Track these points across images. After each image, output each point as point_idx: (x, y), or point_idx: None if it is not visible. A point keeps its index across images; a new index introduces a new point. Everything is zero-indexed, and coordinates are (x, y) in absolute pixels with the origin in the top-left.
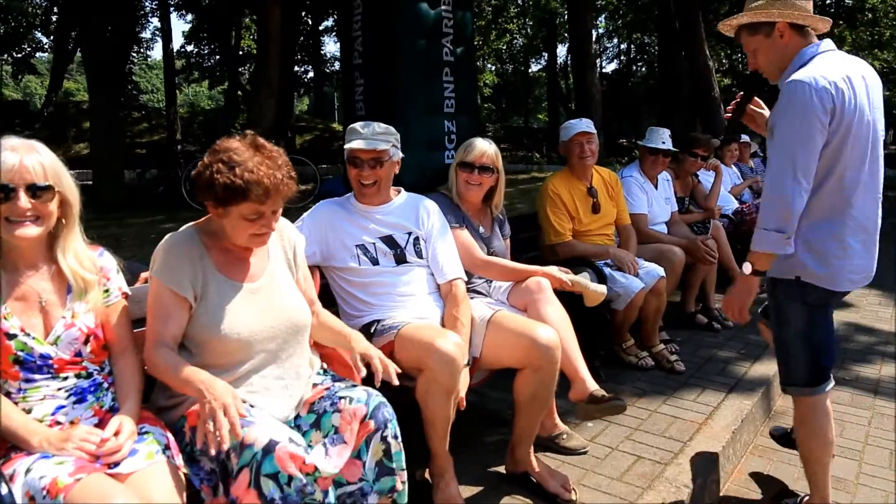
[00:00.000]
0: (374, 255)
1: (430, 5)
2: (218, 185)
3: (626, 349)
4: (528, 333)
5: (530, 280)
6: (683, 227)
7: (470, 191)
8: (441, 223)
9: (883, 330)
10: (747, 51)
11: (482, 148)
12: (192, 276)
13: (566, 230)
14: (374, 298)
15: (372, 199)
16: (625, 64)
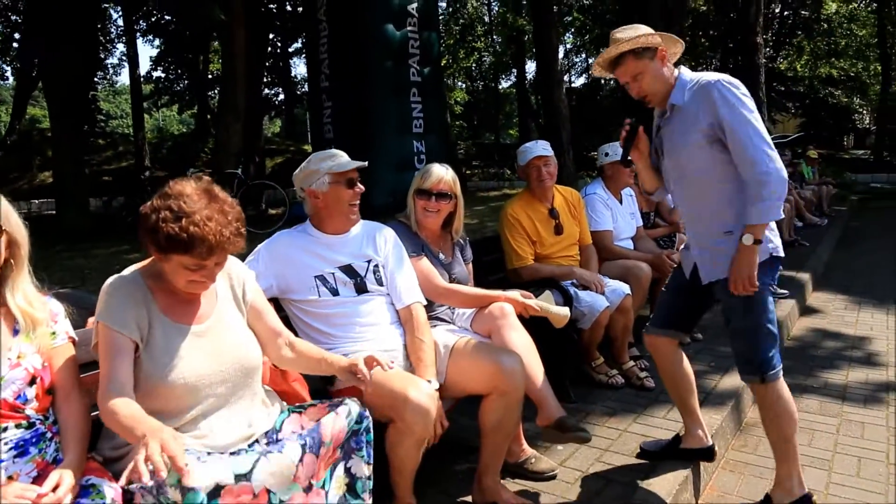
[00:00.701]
0: (334, 285)
1: (395, 26)
2: (161, 234)
3: (596, 367)
4: (492, 360)
5: (493, 306)
6: (649, 242)
7: (428, 218)
8: (398, 249)
9: (849, 335)
10: (628, 77)
11: (439, 174)
12: (137, 318)
13: (527, 254)
14: (335, 330)
15: (353, 222)
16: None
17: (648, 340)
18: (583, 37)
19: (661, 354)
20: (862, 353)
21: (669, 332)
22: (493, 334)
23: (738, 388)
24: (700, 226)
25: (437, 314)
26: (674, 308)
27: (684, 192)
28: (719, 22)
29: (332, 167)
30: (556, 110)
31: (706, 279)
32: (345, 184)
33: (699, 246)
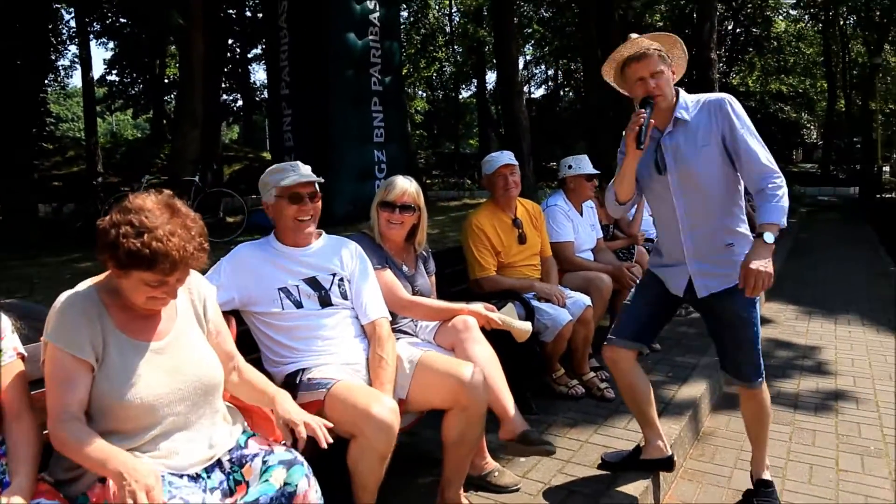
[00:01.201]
0: (298, 297)
1: (357, 35)
2: (122, 250)
3: (557, 379)
4: (454, 373)
5: (457, 319)
6: (609, 254)
7: (392, 230)
8: (363, 264)
9: (800, 344)
10: (649, 71)
11: (403, 186)
12: (91, 338)
13: (490, 265)
14: (298, 343)
15: (305, 237)
16: (552, 89)
17: (609, 353)
18: (542, 48)
19: (621, 368)
20: (812, 362)
21: (633, 344)
22: (457, 347)
23: (695, 399)
24: (702, 239)
25: (401, 327)
26: (641, 320)
27: (687, 206)
28: None
29: (278, 181)
30: (516, 121)
31: (704, 292)
32: (287, 199)
33: (698, 259)
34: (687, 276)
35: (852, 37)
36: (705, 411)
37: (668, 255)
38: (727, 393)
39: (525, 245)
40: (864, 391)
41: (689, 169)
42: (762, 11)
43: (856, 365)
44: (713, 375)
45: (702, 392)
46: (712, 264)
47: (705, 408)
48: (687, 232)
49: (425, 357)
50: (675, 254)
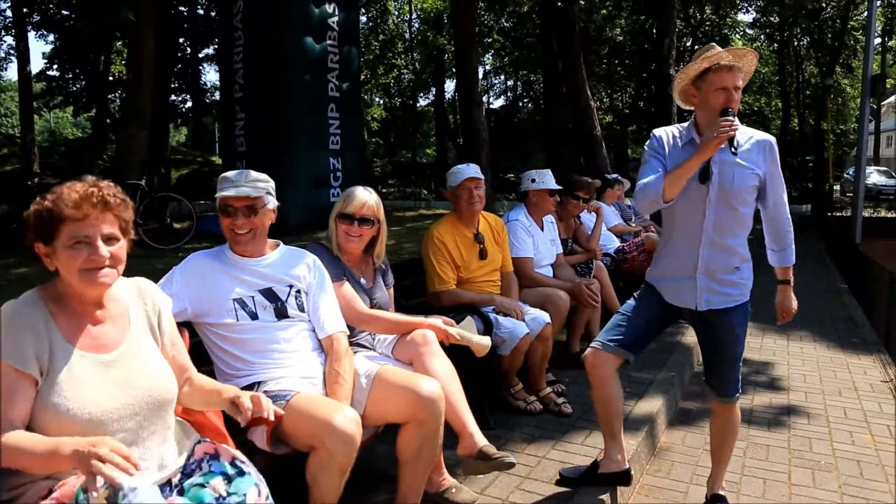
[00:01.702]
0: (253, 309)
1: (315, 39)
2: (33, 217)
3: (515, 394)
4: (412, 387)
5: (415, 333)
6: (568, 270)
7: (350, 243)
8: (321, 276)
9: (754, 360)
10: (737, 83)
11: (362, 198)
12: (36, 349)
13: (450, 278)
14: (253, 356)
15: (247, 249)
16: (511, 100)
17: (593, 358)
18: (502, 59)
19: (599, 374)
20: (766, 378)
21: (621, 351)
22: (415, 361)
23: (652, 414)
24: (718, 257)
25: (358, 340)
26: (635, 330)
27: (717, 221)
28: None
29: (219, 191)
30: (475, 131)
31: (705, 306)
32: (222, 211)
33: (707, 275)
34: (694, 290)
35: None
36: (662, 426)
37: (678, 266)
38: (683, 408)
39: (486, 261)
40: (815, 406)
41: (731, 187)
42: (720, 29)
43: (807, 381)
44: (670, 391)
45: (658, 407)
46: (719, 283)
47: (662, 423)
48: (707, 246)
49: (382, 371)
50: (685, 266)
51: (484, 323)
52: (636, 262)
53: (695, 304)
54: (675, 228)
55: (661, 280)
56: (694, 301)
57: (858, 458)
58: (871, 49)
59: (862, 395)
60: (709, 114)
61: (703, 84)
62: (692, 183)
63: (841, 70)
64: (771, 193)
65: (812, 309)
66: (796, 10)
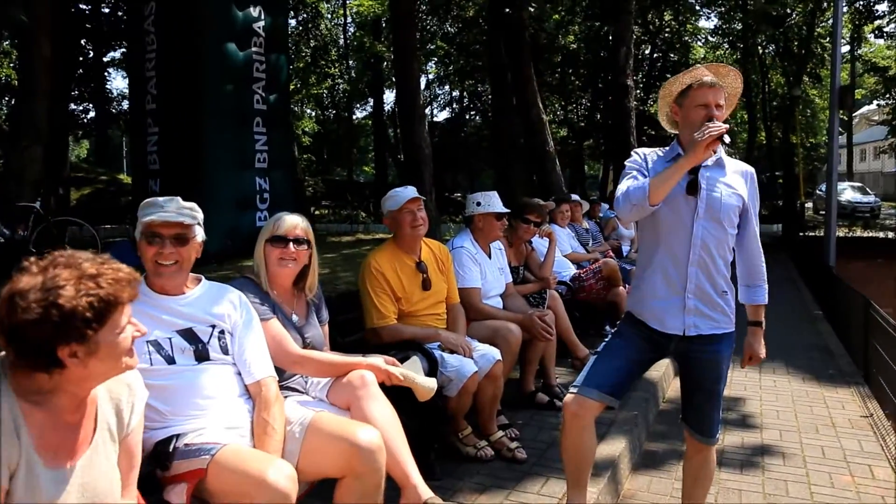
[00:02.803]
0: (170, 352)
1: (238, 46)
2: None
3: (463, 439)
4: (347, 436)
5: (353, 374)
6: (519, 300)
7: (285, 269)
8: (248, 314)
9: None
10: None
11: (293, 220)
12: (8, 457)
13: (390, 312)
14: (170, 406)
15: (169, 283)
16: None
17: (575, 406)
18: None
19: (579, 424)
20: (737, 415)
21: (607, 398)
22: (353, 406)
23: (614, 458)
24: (706, 278)
25: (289, 384)
26: (620, 371)
27: (704, 238)
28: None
29: (144, 216)
30: (417, 147)
31: (693, 331)
32: (146, 238)
33: (697, 296)
34: (682, 312)
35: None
36: (625, 471)
37: (664, 286)
38: (649, 450)
39: (429, 292)
40: (791, 445)
41: (719, 203)
42: (680, 37)
43: (781, 417)
44: (633, 431)
45: (621, 450)
46: (708, 305)
47: (625, 467)
48: (695, 265)
49: (316, 419)
50: (673, 286)
51: (428, 361)
52: (594, 290)
53: (682, 329)
54: (660, 245)
55: (645, 303)
56: (681, 325)
57: (838, 503)
58: (839, 58)
59: (840, 431)
60: (691, 131)
61: (684, 101)
62: (679, 196)
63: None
64: (748, 223)
65: (785, 338)
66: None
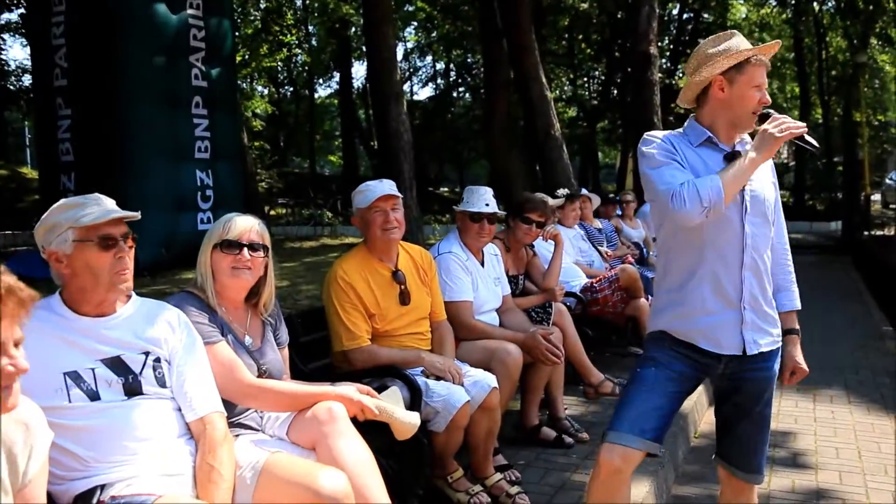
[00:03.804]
0: (93, 386)
1: (170, 7)
2: None
3: (453, 483)
4: (307, 482)
5: (318, 407)
6: (519, 315)
7: (238, 280)
8: (189, 337)
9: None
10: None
11: (247, 222)
12: None
13: (362, 332)
14: (93, 451)
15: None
16: (443, 89)
17: (622, 462)
18: (429, 34)
19: (620, 478)
20: (786, 453)
21: (652, 445)
22: (318, 445)
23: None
24: (758, 283)
25: (241, 420)
26: (664, 410)
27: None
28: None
29: (78, 219)
30: (393, 132)
31: (754, 348)
32: (97, 244)
33: (753, 307)
34: (740, 327)
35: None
36: None
37: (716, 298)
38: (678, 495)
39: (409, 307)
40: (853, 489)
41: (761, 195)
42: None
43: (841, 456)
44: (659, 472)
45: (644, 494)
46: (763, 318)
47: None
48: (749, 269)
49: (271, 461)
50: (725, 297)
51: (410, 390)
52: (609, 302)
53: (741, 347)
54: (705, 249)
55: (692, 321)
56: (740, 342)
57: None
58: None
59: None
60: (736, 113)
61: (739, 76)
62: None
63: (878, 43)
64: (778, 211)
65: (845, 359)
66: None
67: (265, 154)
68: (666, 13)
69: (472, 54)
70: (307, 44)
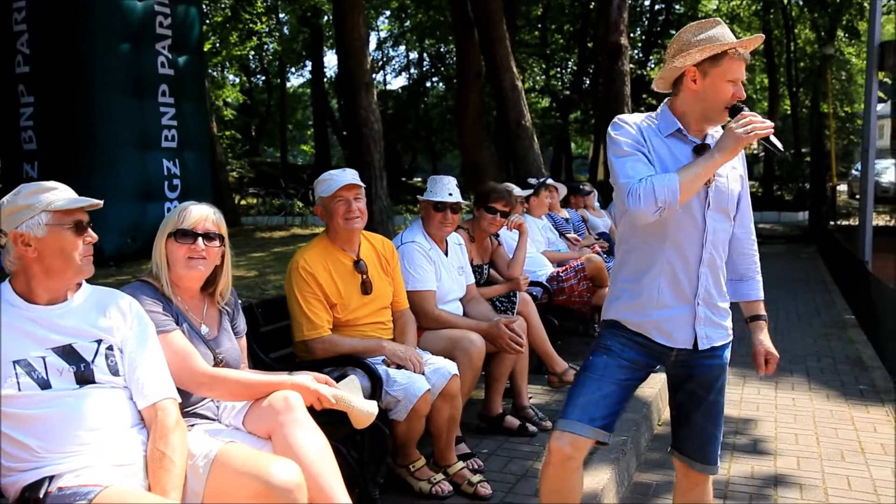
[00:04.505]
0: (43, 374)
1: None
2: None
3: (415, 472)
4: (259, 473)
5: (274, 396)
6: (483, 305)
7: (194, 270)
8: (142, 325)
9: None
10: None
11: (202, 211)
12: None
13: (323, 321)
14: (43, 441)
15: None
16: (416, 79)
17: (568, 445)
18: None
19: (570, 466)
20: (746, 440)
21: (600, 433)
22: (274, 435)
23: (597, 491)
24: (714, 278)
25: (197, 409)
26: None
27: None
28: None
29: (53, 203)
30: (363, 120)
31: (706, 343)
32: (71, 228)
33: (706, 302)
34: (692, 322)
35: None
36: None
37: (672, 292)
38: (640, 482)
39: (370, 296)
40: (810, 475)
41: (726, 189)
42: None
43: (800, 442)
44: (620, 460)
45: (605, 483)
46: (716, 312)
47: (611, 502)
48: (706, 264)
49: (224, 451)
50: (681, 291)
51: (370, 379)
52: (575, 292)
53: (692, 342)
54: (666, 243)
55: (646, 313)
56: (692, 336)
57: None
58: (879, 7)
59: (871, 458)
60: (707, 105)
61: (713, 69)
62: None
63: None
64: (745, 202)
65: (808, 347)
66: None
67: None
68: (638, 4)
69: (445, 44)
70: (278, 32)
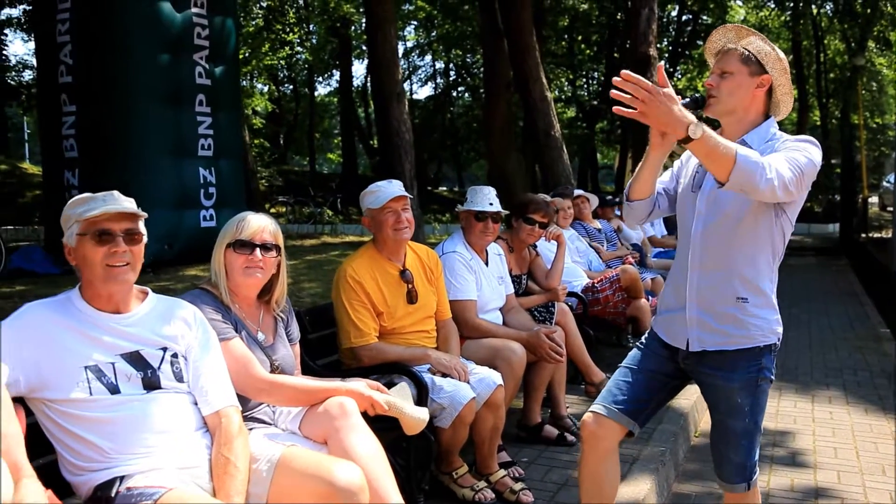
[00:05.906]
0: (113, 379)
1: (175, 6)
2: None
3: (458, 479)
4: (324, 475)
5: (330, 402)
6: (522, 315)
7: (251, 278)
8: (205, 334)
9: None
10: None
11: (261, 222)
12: None
13: (370, 329)
14: (113, 442)
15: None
16: (442, 88)
17: (594, 426)
18: (429, 34)
19: (600, 449)
20: (785, 452)
21: (628, 421)
22: (330, 439)
23: (637, 501)
24: (711, 283)
25: (254, 414)
26: (640, 384)
27: (706, 237)
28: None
29: (82, 213)
30: (394, 130)
31: (696, 346)
32: (93, 237)
33: (700, 306)
34: (685, 324)
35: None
36: None
37: (672, 295)
38: (678, 492)
39: (416, 305)
40: (852, 489)
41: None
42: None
43: (839, 455)
44: (660, 470)
45: (646, 492)
46: (715, 317)
47: None
48: (696, 269)
49: (287, 455)
50: (678, 294)
51: (417, 386)
52: (610, 303)
53: (685, 342)
54: (678, 246)
55: (660, 312)
56: (685, 337)
57: None
58: None
59: None
60: None
61: None
62: (687, 191)
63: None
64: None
65: (843, 361)
66: None
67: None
68: (665, 14)
69: (471, 54)
70: (308, 42)
